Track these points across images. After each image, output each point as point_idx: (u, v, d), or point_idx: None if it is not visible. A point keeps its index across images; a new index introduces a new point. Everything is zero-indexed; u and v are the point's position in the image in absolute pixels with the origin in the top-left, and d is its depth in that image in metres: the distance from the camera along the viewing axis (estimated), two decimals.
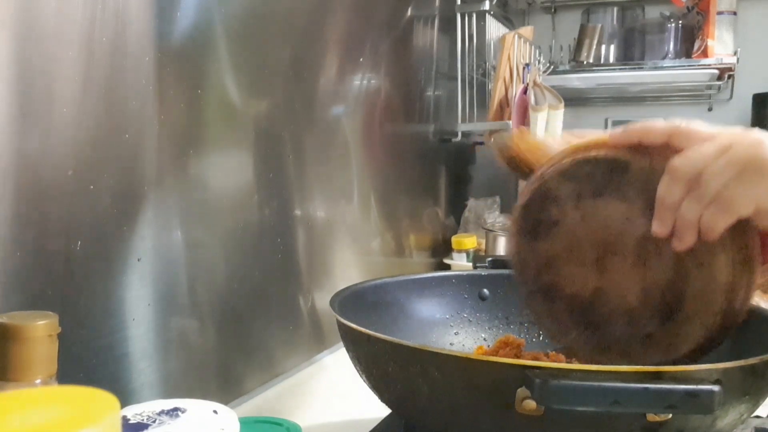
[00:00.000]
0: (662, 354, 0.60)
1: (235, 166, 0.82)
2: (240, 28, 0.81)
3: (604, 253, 0.62)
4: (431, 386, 0.54)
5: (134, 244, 0.66)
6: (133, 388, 0.66)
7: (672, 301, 0.59)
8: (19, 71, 0.53)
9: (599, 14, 1.98)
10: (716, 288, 0.57)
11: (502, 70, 1.53)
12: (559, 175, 0.63)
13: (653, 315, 0.60)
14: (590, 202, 0.62)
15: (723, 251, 0.57)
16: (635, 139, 0.59)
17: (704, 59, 1.77)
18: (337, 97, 1.05)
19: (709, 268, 0.57)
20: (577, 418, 0.50)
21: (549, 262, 0.65)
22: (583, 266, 0.63)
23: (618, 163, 0.60)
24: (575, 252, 0.63)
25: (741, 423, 0.55)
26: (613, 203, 0.61)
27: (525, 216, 0.66)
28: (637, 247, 0.60)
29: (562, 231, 0.64)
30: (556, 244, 0.64)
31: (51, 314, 0.42)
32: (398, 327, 0.77)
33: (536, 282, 0.66)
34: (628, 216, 0.60)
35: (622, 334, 0.62)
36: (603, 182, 0.61)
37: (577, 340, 0.65)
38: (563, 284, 0.65)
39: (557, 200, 0.64)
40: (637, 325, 0.61)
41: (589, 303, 0.63)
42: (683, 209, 0.56)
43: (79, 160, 0.59)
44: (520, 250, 0.67)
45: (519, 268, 0.67)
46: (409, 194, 1.37)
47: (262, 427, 0.62)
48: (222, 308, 0.79)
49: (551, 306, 0.66)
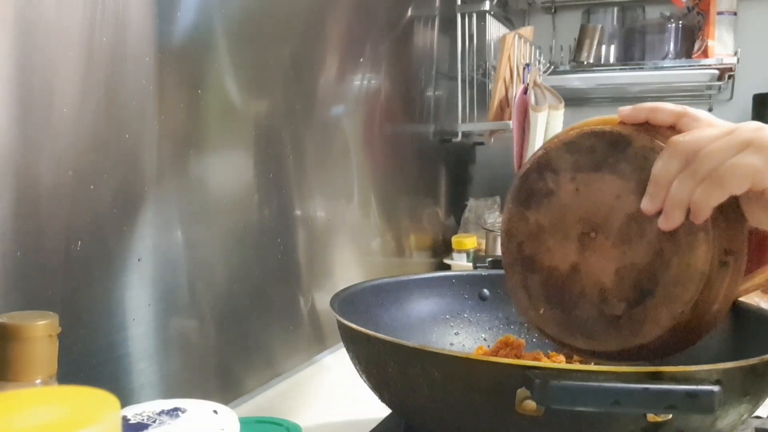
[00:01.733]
0: (625, 340, 0.60)
1: (235, 166, 0.82)
2: (240, 29, 0.81)
3: (588, 230, 0.62)
4: (431, 386, 0.54)
5: (134, 244, 0.66)
6: (133, 388, 0.66)
7: (645, 286, 0.59)
8: (19, 71, 0.53)
9: (599, 14, 1.99)
10: (691, 277, 0.57)
11: (503, 71, 1.53)
12: (563, 145, 0.64)
13: (623, 298, 0.61)
14: (586, 176, 0.62)
15: (705, 241, 0.56)
16: (642, 117, 0.60)
17: (704, 59, 1.77)
18: (337, 97, 1.05)
19: (687, 255, 0.57)
20: (577, 419, 0.50)
21: (535, 233, 0.66)
22: (566, 240, 0.64)
23: (620, 138, 0.60)
24: (561, 225, 0.64)
25: (741, 423, 0.55)
26: (609, 179, 0.61)
27: (522, 185, 0.66)
28: (621, 226, 0.60)
29: (553, 203, 0.64)
30: (545, 216, 0.65)
31: (51, 314, 0.42)
32: (398, 327, 0.77)
33: (519, 251, 0.67)
34: (620, 193, 0.60)
35: (589, 316, 0.62)
36: (602, 157, 0.61)
37: (545, 318, 0.65)
38: (543, 256, 0.65)
39: (556, 171, 0.64)
40: (606, 307, 0.61)
41: (564, 280, 0.64)
42: (675, 185, 0.55)
43: (79, 160, 0.59)
44: (511, 218, 0.67)
45: (506, 237, 0.68)
46: (409, 194, 1.37)
47: (262, 427, 0.62)
48: (222, 308, 0.79)
49: (527, 278, 0.66)
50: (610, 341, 0.61)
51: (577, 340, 0.64)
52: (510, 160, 1.53)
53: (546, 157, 0.65)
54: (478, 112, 1.56)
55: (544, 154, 0.65)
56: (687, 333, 0.59)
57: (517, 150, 1.50)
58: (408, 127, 1.37)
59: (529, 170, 0.66)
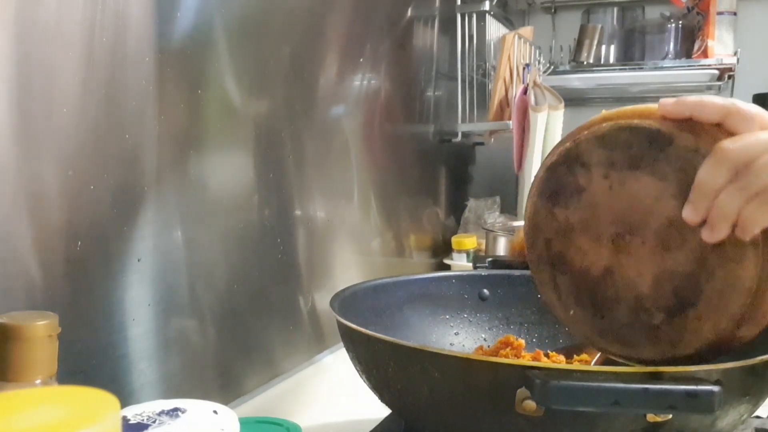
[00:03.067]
0: (663, 350, 0.57)
1: (235, 166, 0.82)
2: (240, 29, 0.81)
3: (623, 232, 0.58)
4: (431, 386, 0.54)
5: (134, 245, 0.66)
6: (133, 388, 0.66)
7: (686, 295, 0.56)
8: (19, 71, 0.53)
9: (599, 14, 1.99)
10: (738, 291, 0.53)
11: (502, 71, 1.53)
12: (595, 139, 0.58)
13: (662, 307, 0.57)
14: (621, 174, 0.57)
15: (755, 256, 0.52)
16: (686, 113, 0.54)
17: (704, 59, 1.77)
18: (337, 97, 1.05)
19: (735, 267, 0.53)
20: (577, 419, 0.50)
21: (564, 231, 0.61)
22: (599, 242, 0.59)
23: (660, 136, 0.55)
24: (593, 225, 0.60)
25: (741, 423, 0.55)
26: (646, 179, 0.56)
27: (549, 177, 0.62)
28: (660, 231, 0.56)
29: (584, 200, 0.60)
30: (575, 213, 0.60)
31: (51, 314, 0.42)
32: (398, 327, 0.77)
33: (546, 249, 0.63)
34: (658, 196, 0.55)
35: (624, 322, 0.59)
36: (639, 154, 0.56)
37: (576, 319, 0.62)
38: (574, 257, 0.61)
39: (587, 166, 0.59)
40: (643, 314, 0.58)
41: (597, 282, 0.60)
42: (723, 198, 0.50)
43: (79, 160, 0.59)
44: (537, 212, 0.63)
45: (531, 233, 0.63)
46: (409, 194, 1.37)
47: (262, 427, 0.62)
48: (222, 308, 0.79)
49: (557, 278, 0.63)
50: (647, 350, 0.58)
51: (612, 345, 0.61)
52: (510, 161, 1.53)
53: (576, 150, 0.59)
54: (478, 113, 1.56)
55: (573, 147, 0.60)
56: (729, 342, 0.56)
57: (517, 150, 1.51)
58: (408, 128, 1.37)
59: (556, 162, 0.61)
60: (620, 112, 0.58)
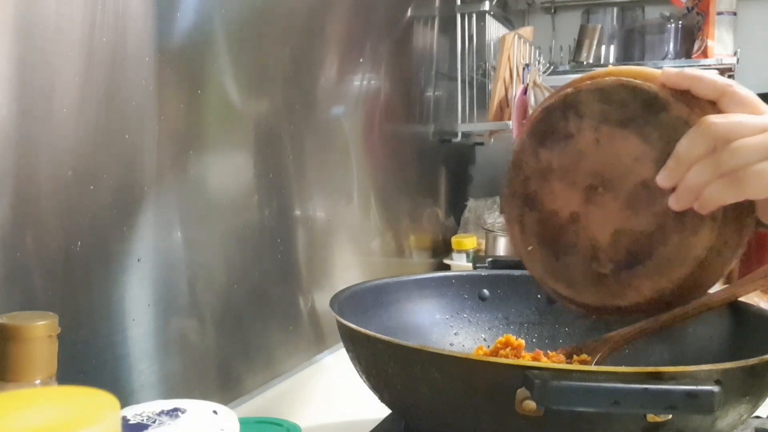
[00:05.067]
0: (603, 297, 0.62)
1: (235, 167, 0.82)
2: (240, 29, 0.81)
3: (598, 184, 0.61)
4: (431, 386, 0.54)
5: (134, 245, 0.66)
6: (133, 388, 0.66)
7: (638, 254, 0.59)
8: (18, 71, 0.53)
9: (599, 15, 1.99)
10: (685, 258, 0.57)
11: (502, 71, 1.53)
12: (595, 90, 0.60)
13: (613, 259, 0.61)
14: (611, 130, 0.59)
15: (710, 229, 0.56)
16: (685, 85, 0.56)
17: (704, 60, 1.77)
18: (337, 98, 1.05)
19: (689, 236, 0.56)
20: (577, 419, 0.50)
21: (543, 172, 0.64)
22: (572, 189, 0.62)
23: (657, 101, 0.57)
24: (572, 172, 0.62)
25: (741, 423, 0.55)
26: (633, 139, 0.58)
27: (543, 119, 0.64)
28: (632, 189, 0.59)
29: (570, 146, 0.62)
30: (558, 158, 0.63)
31: (51, 314, 0.42)
32: (398, 327, 0.77)
33: (523, 186, 0.65)
34: (640, 157, 0.58)
35: (576, 266, 0.63)
36: (633, 114, 0.58)
37: (533, 255, 0.65)
38: (546, 198, 0.64)
39: (581, 115, 0.61)
40: (595, 263, 0.62)
41: (561, 226, 0.63)
42: (694, 170, 0.53)
43: (79, 160, 0.59)
44: (523, 149, 0.65)
45: (514, 168, 0.66)
46: (409, 194, 1.37)
47: (261, 427, 0.62)
48: (222, 308, 0.79)
49: (525, 214, 0.65)
50: (590, 295, 0.62)
51: (559, 284, 0.64)
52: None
53: (575, 97, 0.61)
54: (478, 113, 1.56)
55: (573, 93, 0.61)
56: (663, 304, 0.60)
57: None
58: (408, 127, 1.37)
59: (553, 105, 0.63)
60: (625, 70, 0.60)
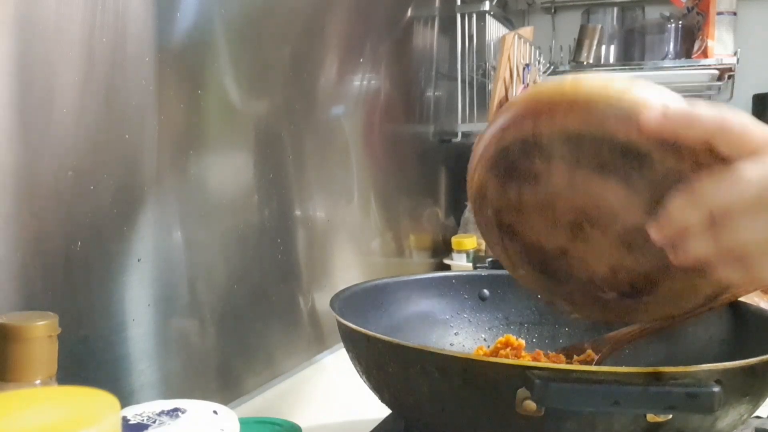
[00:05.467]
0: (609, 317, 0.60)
1: (235, 167, 0.82)
2: (240, 28, 0.81)
3: (582, 220, 0.54)
4: (431, 386, 0.54)
5: (134, 245, 0.66)
6: (133, 388, 0.66)
7: (642, 286, 0.56)
8: (19, 71, 0.53)
9: (599, 15, 1.99)
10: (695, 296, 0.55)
11: (502, 71, 1.53)
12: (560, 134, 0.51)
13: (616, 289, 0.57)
14: (587, 174, 0.51)
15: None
16: (672, 136, 0.48)
17: (704, 60, 1.77)
18: (337, 97, 1.05)
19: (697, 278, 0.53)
20: (577, 419, 0.50)
21: (515, 208, 0.56)
22: (554, 226, 0.55)
23: (637, 152, 0.49)
24: (549, 210, 0.55)
25: (741, 423, 0.55)
26: (614, 185, 0.51)
27: (500, 156, 0.54)
28: (624, 232, 0.53)
29: (540, 187, 0.54)
30: (529, 196, 0.55)
31: (51, 314, 0.42)
32: (398, 327, 0.77)
33: (495, 217, 0.58)
34: (627, 205, 0.51)
35: (575, 291, 0.59)
36: (610, 162, 0.50)
37: (526, 277, 0.61)
38: (525, 231, 0.57)
39: (547, 157, 0.52)
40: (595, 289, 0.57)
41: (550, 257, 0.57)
42: (693, 243, 0.47)
43: (79, 161, 0.59)
44: (486, 183, 0.57)
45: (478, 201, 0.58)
46: (409, 194, 1.37)
47: (262, 427, 0.62)
48: (222, 308, 0.79)
49: (506, 243, 0.59)
50: (594, 313, 0.61)
51: (559, 301, 0.62)
52: None
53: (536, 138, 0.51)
54: (478, 113, 1.56)
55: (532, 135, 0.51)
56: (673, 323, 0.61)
57: None
58: (408, 128, 1.37)
59: (510, 144, 0.53)
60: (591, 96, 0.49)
